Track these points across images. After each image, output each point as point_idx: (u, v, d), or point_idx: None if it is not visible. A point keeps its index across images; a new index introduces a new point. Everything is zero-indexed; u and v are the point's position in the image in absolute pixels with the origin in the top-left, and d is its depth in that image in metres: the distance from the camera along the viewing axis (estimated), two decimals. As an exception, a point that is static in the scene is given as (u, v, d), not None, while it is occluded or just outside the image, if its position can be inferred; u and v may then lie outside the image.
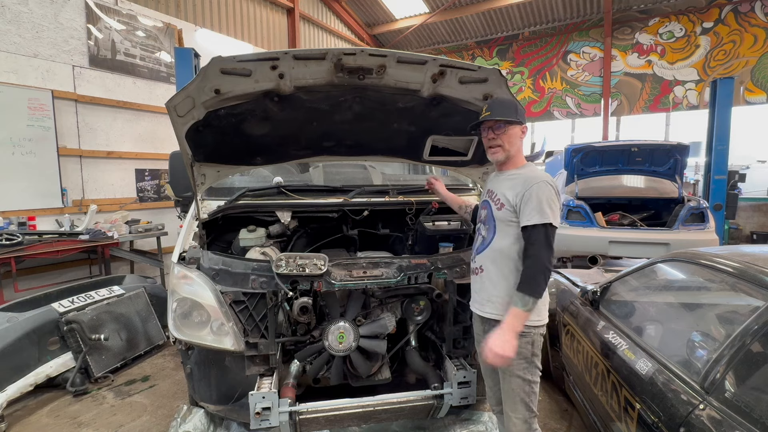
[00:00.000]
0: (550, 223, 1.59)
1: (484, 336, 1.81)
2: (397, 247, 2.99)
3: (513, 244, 1.70)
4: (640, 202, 6.21)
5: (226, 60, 1.73)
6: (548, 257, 1.59)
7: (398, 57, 1.83)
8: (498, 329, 1.60)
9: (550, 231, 1.60)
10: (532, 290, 1.57)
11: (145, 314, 3.77)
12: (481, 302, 1.80)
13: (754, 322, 1.45)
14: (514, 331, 1.58)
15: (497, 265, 1.73)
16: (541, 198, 1.61)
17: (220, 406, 2.14)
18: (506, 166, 1.83)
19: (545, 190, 1.63)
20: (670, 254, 2.26)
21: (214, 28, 7.17)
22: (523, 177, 1.71)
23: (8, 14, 4.42)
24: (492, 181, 1.88)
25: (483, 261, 1.79)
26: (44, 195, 4.70)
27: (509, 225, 1.70)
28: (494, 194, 1.79)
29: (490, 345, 1.57)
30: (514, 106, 1.75)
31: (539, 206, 1.60)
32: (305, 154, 2.62)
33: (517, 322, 1.59)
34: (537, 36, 10.70)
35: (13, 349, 2.84)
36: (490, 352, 1.57)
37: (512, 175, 1.78)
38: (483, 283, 1.79)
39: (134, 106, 5.64)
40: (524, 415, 1.70)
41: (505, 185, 1.75)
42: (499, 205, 1.74)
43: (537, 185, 1.63)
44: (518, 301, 1.58)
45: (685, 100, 9.26)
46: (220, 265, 2.09)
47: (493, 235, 1.75)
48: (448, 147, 2.50)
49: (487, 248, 1.77)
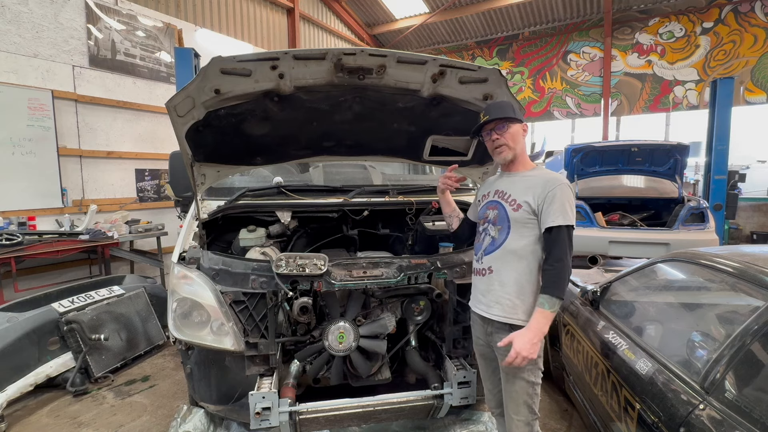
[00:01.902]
0: (572, 224, 1.63)
1: (488, 338, 1.81)
2: (397, 247, 2.99)
3: (528, 245, 1.69)
4: (640, 202, 6.21)
5: (226, 60, 1.73)
6: (570, 258, 1.61)
7: (398, 57, 1.83)
8: (525, 331, 1.58)
9: (571, 232, 1.64)
10: (559, 291, 1.57)
11: (145, 314, 3.77)
12: (488, 304, 1.77)
13: (754, 322, 1.45)
14: (542, 333, 1.58)
15: (509, 265, 1.71)
16: (563, 200, 1.63)
17: (220, 406, 2.14)
18: (515, 166, 1.82)
19: (566, 192, 1.66)
20: (670, 254, 2.26)
21: (214, 28, 7.17)
22: (542, 179, 1.71)
23: (8, 14, 4.42)
24: (500, 182, 1.86)
25: (492, 262, 1.76)
26: (44, 195, 4.70)
27: (525, 226, 1.69)
28: (507, 195, 1.77)
29: (517, 348, 1.55)
30: (510, 106, 1.77)
31: (562, 208, 1.62)
32: (305, 154, 2.62)
33: (545, 323, 1.58)
34: (537, 36, 10.70)
35: (13, 349, 2.84)
36: (518, 356, 1.54)
37: (527, 176, 1.77)
38: (491, 284, 1.75)
39: (134, 106, 5.64)
40: (526, 417, 1.70)
41: (521, 186, 1.74)
42: (515, 206, 1.72)
43: (559, 187, 1.65)
44: (545, 303, 1.57)
45: (685, 100, 9.26)
46: (220, 265, 2.09)
47: (506, 236, 1.73)
48: (448, 147, 2.50)
49: (498, 249, 1.74)
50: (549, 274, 1.61)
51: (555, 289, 1.57)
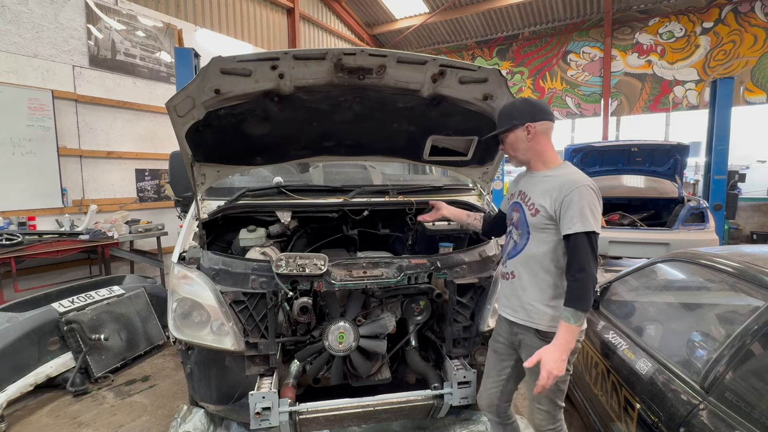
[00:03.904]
0: (593, 230, 1.50)
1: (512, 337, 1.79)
2: (397, 247, 2.99)
3: (547, 252, 1.62)
4: (640, 202, 6.22)
5: (226, 60, 1.73)
6: (594, 266, 1.49)
7: (398, 57, 1.83)
8: (552, 348, 1.51)
9: (593, 238, 1.50)
10: (582, 304, 1.47)
11: (145, 314, 3.77)
12: (513, 308, 1.74)
13: (754, 322, 1.46)
14: (569, 349, 1.51)
15: (530, 271, 1.67)
16: (582, 204, 1.50)
17: (220, 406, 2.14)
18: (534, 166, 1.74)
19: (586, 195, 1.52)
20: (670, 254, 2.27)
21: (214, 28, 7.17)
22: (560, 180, 1.60)
23: (8, 14, 4.42)
24: (524, 181, 1.79)
25: (515, 266, 1.72)
26: (44, 195, 4.70)
27: (544, 231, 1.62)
28: (527, 197, 1.70)
29: (547, 367, 1.48)
30: (507, 113, 1.73)
31: (581, 212, 1.50)
32: (305, 154, 2.62)
33: (572, 339, 1.50)
34: (537, 36, 10.69)
35: (13, 349, 2.84)
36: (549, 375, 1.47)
37: (546, 177, 1.67)
38: (514, 289, 1.72)
39: (134, 106, 5.64)
40: (548, 407, 1.69)
41: (539, 189, 1.66)
42: (533, 210, 1.65)
43: (577, 190, 1.52)
44: (569, 317, 1.48)
45: (685, 100, 9.26)
46: (220, 265, 2.09)
47: (526, 241, 1.68)
48: (448, 147, 2.50)
49: (519, 254, 1.70)
50: (571, 286, 1.51)
51: (578, 302, 1.48)
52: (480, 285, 2.22)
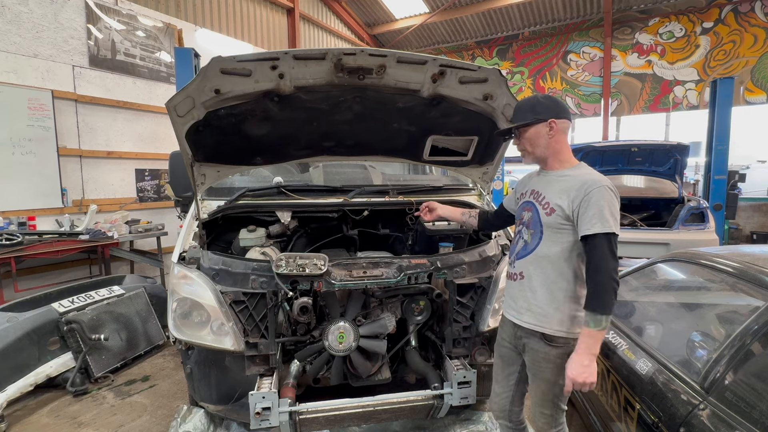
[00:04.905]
0: (613, 231, 1.46)
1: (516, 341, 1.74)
2: (397, 247, 2.99)
3: (562, 252, 1.57)
4: (640, 202, 6.21)
5: (226, 60, 1.73)
6: (615, 268, 1.45)
7: (398, 57, 1.83)
8: (574, 355, 1.49)
9: (613, 240, 1.47)
10: (604, 307, 1.43)
11: (145, 314, 3.77)
12: (518, 310, 1.70)
13: (754, 322, 1.46)
14: (593, 354, 1.47)
15: (541, 272, 1.62)
16: (602, 204, 1.46)
17: (220, 406, 2.14)
18: (549, 165, 1.68)
19: (606, 195, 1.48)
20: (670, 254, 2.27)
21: (214, 28, 7.17)
22: (578, 180, 1.55)
23: (8, 14, 4.42)
24: (536, 181, 1.73)
25: (524, 267, 1.67)
26: (44, 195, 4.70)
27: (559, 232, 1.57)
28: (541, 196, 1.65)
29: (571, 376, 1.46)
30: (530, 106, 1.65)
31: (600, 213, 1.46)
32: (305, 154, 2.62)
33: (594, 343, 1.46)
34: (537, 36, 10.70)
35: (13, 349, 2.84)
36: (576, 384, 1.46)
37: (562, 176, 1.62)
38: (522, 290, 1.68)
39: (134, 106, 5.64)
40: (551, 410, 1.68)
41: (555, 188, 1.61)
42: (548, 209, 1.59)
43: (597, 190, 1.48)
44: (590, 321, 1.45)
45: (685, 100, 9.26)
46: (220, 265, 2.09)
47: (538, 241, 1.63)
48: (448, 147, 2.50)
49: (530, 254, 1.65)
50: (591, 289, 1.47)
51: (598, 305, 1.43)
52: (480, 285, 2.22)
